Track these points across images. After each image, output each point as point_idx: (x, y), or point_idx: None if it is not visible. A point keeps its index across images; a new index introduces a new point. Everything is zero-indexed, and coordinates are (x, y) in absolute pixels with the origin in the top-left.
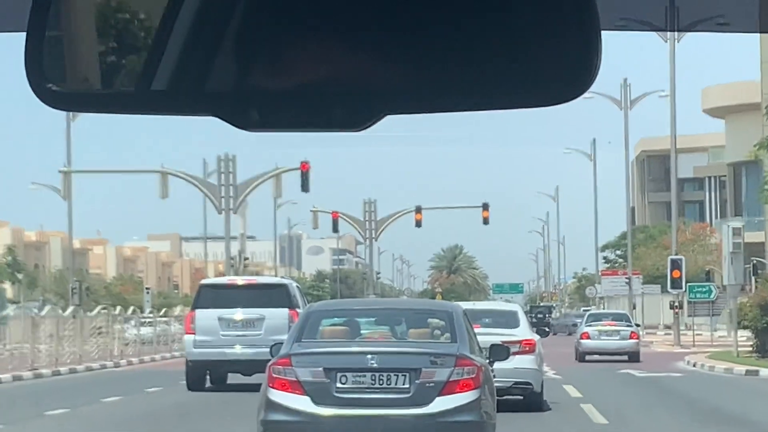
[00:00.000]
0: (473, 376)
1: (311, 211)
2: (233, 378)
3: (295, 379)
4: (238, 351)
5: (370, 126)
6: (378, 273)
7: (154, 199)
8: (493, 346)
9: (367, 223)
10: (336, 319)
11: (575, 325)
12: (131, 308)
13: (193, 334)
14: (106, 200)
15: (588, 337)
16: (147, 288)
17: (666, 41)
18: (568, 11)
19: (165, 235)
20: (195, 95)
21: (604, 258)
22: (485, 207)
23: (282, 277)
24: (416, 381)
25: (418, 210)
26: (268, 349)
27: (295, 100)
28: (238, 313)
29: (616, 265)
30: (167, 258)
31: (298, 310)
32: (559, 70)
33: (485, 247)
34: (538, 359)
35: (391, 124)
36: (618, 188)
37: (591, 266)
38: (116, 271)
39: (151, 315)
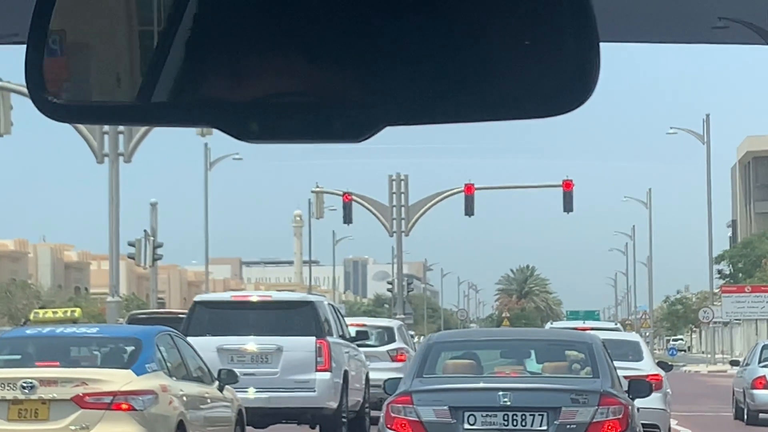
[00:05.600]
0: (620, 416)
1: (313, 191)
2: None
3: (416, 418)
4: (250, 396)
5: (369, 137)
6: (407, 285)
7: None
8: (633, 382)
9: (394, 209)
10: (459, 351)
11: None
12: None
13: None
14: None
15: (764, 386)
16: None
17: None
18: (566, 22)
19: (226, 259)
20: (195, 106)
21: (719, 272)
22: (568, 184)
23: (310, 292)
24: (555, 422)
25: (469, 188)
26: (286, 394)
27: (295, 111)
28: (248, 343)
29: (732, 282)
30: (196, 278)
31: (330, 339)
32: (558, 82)
33: (557, 269)
34: (666, 398)
35: None
36: (714, 199)
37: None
38: (128, 290)
39: None
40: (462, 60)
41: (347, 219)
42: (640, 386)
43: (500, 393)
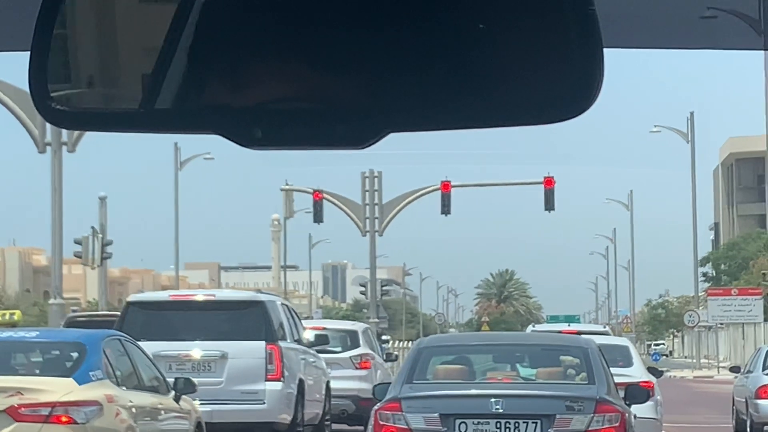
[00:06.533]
0: (616, 424)
1: (282, 189)
2: None
3: (405, 426)
4: None
5: (373, 143)
6: (381, 288)
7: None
8: (631, 387)
9: (367, 207)
10: (450, 356)
11: None
12: None
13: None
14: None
15: None
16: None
17: None
18: (571, 29)
19: (204, 263)
20: (199, 113)
21: (703, 275)
22: (549, 181)
23: (260, 291)
24: (549, 430)
25: (446, 185)
26: (232, 407)
27: (299, 117)
28: (188, 349)
29: (715, 285)
30: (170, 282)
31: (282, 344)
32: (561, 88)
33: (537, 273)
34: (658, 406)
35: None
36: (697, 202)
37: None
38: (99, 294)
39: None
40: (466, 66)
41: (318, 218)
42: (637, 392)
43: (493, 400)
